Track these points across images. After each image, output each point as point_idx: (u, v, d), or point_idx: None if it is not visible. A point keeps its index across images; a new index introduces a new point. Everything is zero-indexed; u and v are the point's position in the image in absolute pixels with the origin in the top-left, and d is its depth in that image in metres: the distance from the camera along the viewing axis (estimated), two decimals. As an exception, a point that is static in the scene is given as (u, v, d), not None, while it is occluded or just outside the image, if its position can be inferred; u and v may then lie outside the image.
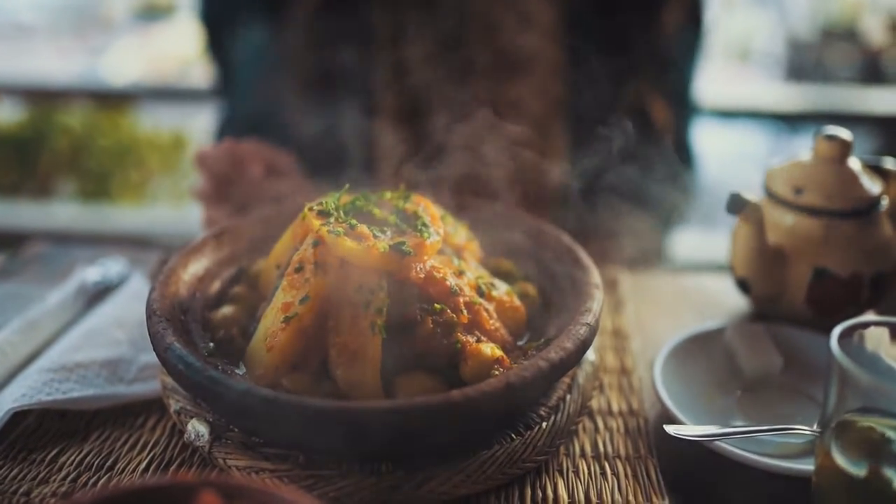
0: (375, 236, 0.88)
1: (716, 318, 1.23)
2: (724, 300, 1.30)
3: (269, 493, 0.61)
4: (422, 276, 0.89)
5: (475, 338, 0.89)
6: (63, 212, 3.92)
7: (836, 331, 0.76)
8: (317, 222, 0.88)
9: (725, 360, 1.07)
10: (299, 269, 0.88)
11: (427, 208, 0.96)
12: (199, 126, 4.32)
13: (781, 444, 0.92)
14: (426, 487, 0.81)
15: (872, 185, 1.11)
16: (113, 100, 4.23)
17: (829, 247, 1.09)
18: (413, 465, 0.82)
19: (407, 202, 0.97)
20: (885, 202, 1.12)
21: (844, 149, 1.12)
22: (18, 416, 0.94)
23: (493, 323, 0.92)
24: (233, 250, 1.08)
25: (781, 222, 1.12)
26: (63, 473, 0.86)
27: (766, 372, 1.04)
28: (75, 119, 4.29)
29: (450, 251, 0.99)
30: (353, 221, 0.89)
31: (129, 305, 1.15)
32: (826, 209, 1.09)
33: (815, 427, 0.93)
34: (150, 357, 1.04)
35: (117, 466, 0.88)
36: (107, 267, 1.27)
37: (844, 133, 1.12)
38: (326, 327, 0.87)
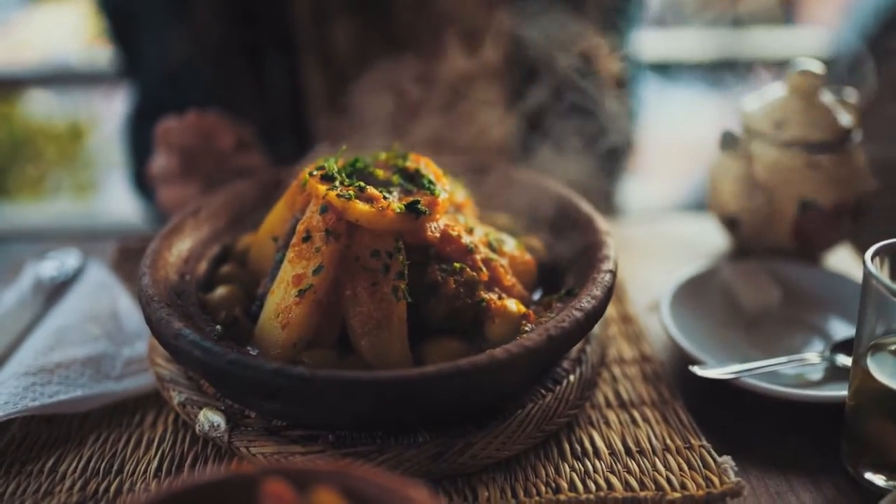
0: (385, 198, 0.83)
1: (698, 260, 1.24)
2: (702, 242, 1.31)
3: (343, 475, 0.56)
4: (437, 235, 0.84)
5: (497, 295, 0.86)
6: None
7: (869, 253, 0.77)
8: (322, 187, 0.82)
9: (725, 298, 1.08)
10: (307, 239, 0.81)
11: (428, 165, 0.92)
12: (97, 113, 4.06)
13: (795, 374, 0.94)
14: (469, 453, 0.78)
15: (846, 116, 1.13)
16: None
17: (813, 178, 1.10)
18: (451, 433, 0.78)
19: (406, 161, 0.92)
20: (859, 132, 1.14)
21: (817, 82, 1.13)
22: (1, 428, 0.85)
23: (510, 279, 0.89)
24: (213, 228, 1.00)
25: (764, 158, 1.13)
26: (68, 483, 0.78)
27: (767, 306, 1.05)
28: (-42, 114, 3.96)
29: (452, 210, 0.95)
30: (361, 184, 0.84)
31: (95, 298, 1.06)
32: (808, 141, 1.10)
33: (825, 353, 0.94)
34: (134, 350, 0.96)
35: (126, 469, 0.80)
36: (60, 260, 1.16)
37: (816, 66, 1.14)
38: (343, 297, 0.81)
